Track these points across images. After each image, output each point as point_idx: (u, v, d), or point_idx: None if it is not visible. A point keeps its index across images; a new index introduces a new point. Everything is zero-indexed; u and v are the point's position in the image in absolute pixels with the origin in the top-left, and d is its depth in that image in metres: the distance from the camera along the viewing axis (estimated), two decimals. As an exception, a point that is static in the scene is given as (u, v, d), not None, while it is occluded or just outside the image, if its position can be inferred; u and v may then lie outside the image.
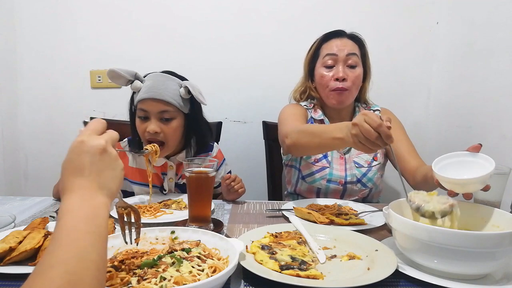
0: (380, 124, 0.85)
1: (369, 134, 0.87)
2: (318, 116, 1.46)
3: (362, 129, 0.88)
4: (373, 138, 0.87)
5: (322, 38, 1.45)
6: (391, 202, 0.88)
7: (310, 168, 1.42)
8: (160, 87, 1.23)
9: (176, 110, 1.26)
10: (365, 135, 0.88)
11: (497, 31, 1.53)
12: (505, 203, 1.13)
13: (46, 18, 1.95)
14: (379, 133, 0.86)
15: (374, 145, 0.89)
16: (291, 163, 1.49)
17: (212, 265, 0.69)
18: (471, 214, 0.88)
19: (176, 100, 1.24)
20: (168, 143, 1.27)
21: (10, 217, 1.00)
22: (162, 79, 1.26)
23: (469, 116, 1.70)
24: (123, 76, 1.22)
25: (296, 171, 1.47)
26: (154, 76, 1.27)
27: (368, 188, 1.42)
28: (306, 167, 1.43)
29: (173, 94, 1.24)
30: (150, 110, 1.24)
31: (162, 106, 1.23)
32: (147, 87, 1.23)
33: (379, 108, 1.49)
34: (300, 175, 1.44)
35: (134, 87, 1.26)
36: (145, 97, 1.22)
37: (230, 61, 1.98)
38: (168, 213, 1.16)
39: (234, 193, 1.28)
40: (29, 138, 2.05)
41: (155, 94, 1.22)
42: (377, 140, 0.87)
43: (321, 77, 1.40)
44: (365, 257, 0.82)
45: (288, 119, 1.38)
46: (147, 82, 1.25)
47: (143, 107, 1.25)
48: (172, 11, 1.95)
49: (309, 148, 1.18)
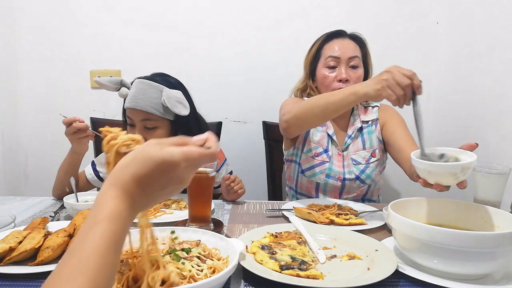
0: (413, 73, 0.91)
1: (402, 79, 0.91)
2: None
3: (395, 74, 0.92)
4: (404, 84, 0.91)
5: (324, 38, 1.45)
6: (391, 202, 0.88)
7: (310, 162, 1.42)
8: (140, 97, 1.22)
9: (159, 119, 1.25)
10: (398, 79, 0.92)
11: (497, 31, 1.53)
12: (505, 203, 1.13)
13: (46, 18, 1.95)
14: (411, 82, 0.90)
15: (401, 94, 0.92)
16: (292, 158, 1.49)
17: (211, 266, 0.69)
18: (471, 214, 0.88)
19: (156, 109, 1.22)
20: None
21: (10, 217, 1.00)
22: (144, 87, 1.23)
23: (469, 116, 1.70)
24: (107, 85, 1.24)
25: (296, 166, 1.47)
26: (137, 83, 1.26)
27: (367, 185, 1.42)
28: (306, 161, 1.43)
29: (154, 103, 1.22)
30: (133, 119, 1.26)
31: (144, 115, 1.24)
32: (130, 96, 1.24)
33: (378, 105, 1.49)
34: (300, 169, 1.44)
35: (121, 94, 1.27)
36: (128, 106, 1.25)
37: (230, 61, 1.98)
38: (168, 213, 1.16)
39: (234, 193, 1.28)
40: (29, 138, 2.05)
41: (136, 104, 1.22)
42: (407, 88, 0.91)
43: (323, 78, 1.40)
44: (365, 257, 0.82)
45: (289, 104, 1.38)
46: (132, 89, 1.25)
47: (129, 115, 1.27)
48: (173, 10, 1.94)
49: (312, 115, 1.18)
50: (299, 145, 1.45)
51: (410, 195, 0.98)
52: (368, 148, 1.42)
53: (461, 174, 0.80)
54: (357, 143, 1.43)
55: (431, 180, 0.84)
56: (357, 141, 1.43)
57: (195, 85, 1.44)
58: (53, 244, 0.77)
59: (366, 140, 1.43)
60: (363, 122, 1.45)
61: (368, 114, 1.47)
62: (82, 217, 0.95)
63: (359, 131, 1.44)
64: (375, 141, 1.43)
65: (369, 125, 1.45)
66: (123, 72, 1.97)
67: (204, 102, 1.55)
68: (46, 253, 0.75)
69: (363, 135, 1.44)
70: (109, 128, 0.60)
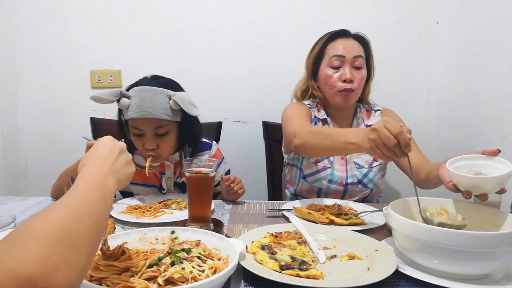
0: (400, 131, 0.85)
1: (388, 141, 0.86)
2: (321, 115, 1.45)
3: (381, 134, 0.87)
4: (391, 145, 0.86)
5: (327, 38, 1.42)
6: (391, 202, 0.88)
7: (312, 168, 1.41)
8: (148, 105, 1.17)
9: (169, 123, 1.23)
10: (384, 141, 0.87)
11: (497, 31, 1.53)
12: (505, 203, 1.12)
13: (46, 18, 1.95)
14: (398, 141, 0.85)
15: (391, 153, 0.88)
16: (293, 162, 1.49)
17: (212, 266, 0.69)
18: (471, 214, 0.88)
19: (167, 114, 1.19)
20: (163, 154, 1.27)
21: (10, 217, 1.00)
22: (150, 94, 1.19)
23: (469, 116, 1.70)
24: (106, 99, 1.19)
25: (298, 170, 1.47)
26: (140, 91, 1.20)
27: (369, 189, 1.42)
28: (308, 167, 1.42)
29: (164, 109, 1.19)
30: (143, 129, 1.22)
31: (155, 123, 1.20)
32: (136, 106, 1.18)
33: (380, 108, 1.49)
34: (301, 175, 1.44)
35: (122, 105, 1.21)
36: (136, 117, 1.18)
37: (230, 61, 1.98)
38: (168, 213, 1.16)
39: (234, 194, 1.28)
40: (29, 138, 2.05)
41: (146, 113, 1.17)
42: (395, 148, 0.87)
43: (327, 78, 1.39)
44: (365, 257, 0.82)
45: (294, 117, 1.37)
46: (134, 99, 1.19)
47: (136, 126, 1.22)
48: (173, 11, 1.94)
49: (319, 150, 1.17)
50: None
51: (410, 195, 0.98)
52: None
53: (506, 182, 0.82)
54: None
55: (476, 192, 0.84)
56: None
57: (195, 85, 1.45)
58: (53, 244, 0.77)
59: None
60: (367, 126, 1.44)
61: (372, 118, 1.46)
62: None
63: None
64: None
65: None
66: (123, 72, 1.97)
67: (204, 102, 1.56)
68: (46, 253, 0.75)
69: None
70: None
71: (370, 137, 0.91)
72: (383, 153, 0.90)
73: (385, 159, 0.95)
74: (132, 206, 1.20)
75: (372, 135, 0.90)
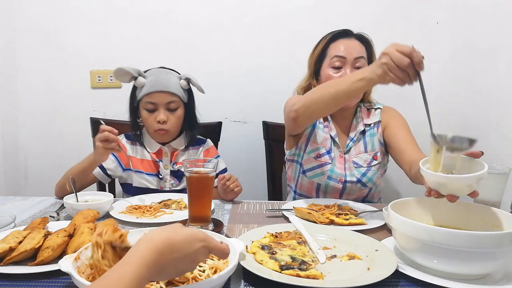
0: (413, 49, 0.86)
1: (401, 60, 0.88)
2: None
3: (393, 56, 0.89)
4: (404, 65, 0.88)
5: (329, 38, 1.41)
6: (391, 202, 0.88)
7: (312, 163, 1.41)
8: (164, 80, 1.38)
9: (180, 100, 1.41)
10: (396, 62, 0.88)
11: (497, 31, 1.53)
12: (505, 203, 1.13)
13: (46, 18, 1.95)
14: (411, 60, 0.86)
15: (404, 74, 0.89)
16: (293, 158, 1.48)
17: (212, 266, 0.69)
18: (471, 214, 0.88)
19: (179, 91, 1.40)
20: (171, 130, 1.41)
21: (10, 217, 1.00)
22: (164, 73, 1.41)
23: (469, 116, 1.70)
24: (130, 72, 1.35)
25: (298, 166, 1.46)
26: (156, 71, 1.42)
27: (368, 188, 1.42)
28: (308, 162, 1.42)
29: (176, 86, 1.39)
30: (158, 101, 1.37)
31: (169, 97, 1.38)
32: (152, 82, 1.37)
33: (380, 107, 1.49)
34: (301, 170, 1.44)
35: (139, 83, 1.38)
36: (152, 90, 1.36)
37: (230, 61, 1.98)
38: (168, 213, 1.16)
39: (231, 192, 1.28)
40: (29, 138, 2.05)
41: (162, 86, 1.36)
42: (408, 68, 0.88)
43: (328, 78, 1.37)
44: (365, 257, 0.82)
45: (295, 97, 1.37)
46: (150, 77, 1.38)
47: (151, 100, 1.38)
48: (173, 11, 1.94)
49: (323, 103, 1.14)
50: (302, 145, 1.44)
51: (410, 195, 0.98)
52: (370, 151, 1.42)
53: (476, 185, 0.79)
54: (359, 146, 1.43)
55: (444, 192, 0.82)
56: (359, 144, 1.43)
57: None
58: (53, 244, 0.77)
59: (368, 143, 1.43)
60: (365, 125, 1.44)
61: (371, 117, 1.46)
62: (82, 217, 0.95)
63: (362, 134, 1.44)
64: (376, 143, 1.42)
65: (371, 127, 1.44)
66: (123, 72, 1.97)
67: (204, 102, 1.56)
68: (46, 253, 0.75)
69: (365, 138, 1.43)
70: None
71: (382, 61, 0.92)
72: (396, 76, 0.91)
73: (398, 83, 0.94)
74: (132, 206, 1.20)
75: (384, 59, 0.92)
